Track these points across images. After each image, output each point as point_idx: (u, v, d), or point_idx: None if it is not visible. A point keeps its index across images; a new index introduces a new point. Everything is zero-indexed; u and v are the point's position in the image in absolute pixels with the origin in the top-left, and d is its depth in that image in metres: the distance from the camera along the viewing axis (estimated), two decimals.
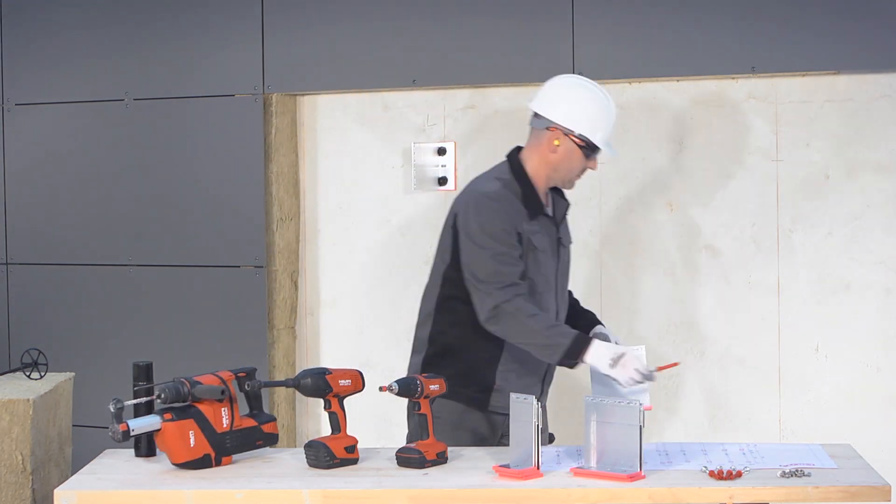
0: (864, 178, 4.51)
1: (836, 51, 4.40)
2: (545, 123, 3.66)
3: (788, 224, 4.59)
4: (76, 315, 5.34)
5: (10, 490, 3.85)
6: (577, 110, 3.67)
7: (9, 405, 3.84)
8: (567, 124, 3.65)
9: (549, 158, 3.69)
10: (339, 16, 4.96)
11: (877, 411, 4.53)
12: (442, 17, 4.83)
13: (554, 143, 3.67)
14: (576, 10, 4.65)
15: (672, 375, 4.71)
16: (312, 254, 5.18)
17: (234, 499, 3.07)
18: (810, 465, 3.18)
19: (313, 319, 5.19)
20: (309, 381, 3.29)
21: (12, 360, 5.09)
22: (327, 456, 3.25)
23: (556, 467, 3.22)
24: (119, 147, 5.26)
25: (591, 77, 4.63)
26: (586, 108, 3.68)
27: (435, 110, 4.94)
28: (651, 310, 4.72)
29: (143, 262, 5.23)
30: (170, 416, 3.22)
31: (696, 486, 3.05)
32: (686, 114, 4.67)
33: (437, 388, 3.34)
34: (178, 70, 5.17)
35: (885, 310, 4.51)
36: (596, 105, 3.70)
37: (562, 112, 3.66)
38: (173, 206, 5.18)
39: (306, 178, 5.17)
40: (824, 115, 4.54)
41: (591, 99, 3.70)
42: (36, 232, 5.40)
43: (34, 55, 5.35)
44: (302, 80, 5.04)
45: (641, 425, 3.10)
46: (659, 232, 4.71)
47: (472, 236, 3.60)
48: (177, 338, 5.16)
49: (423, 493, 3.08)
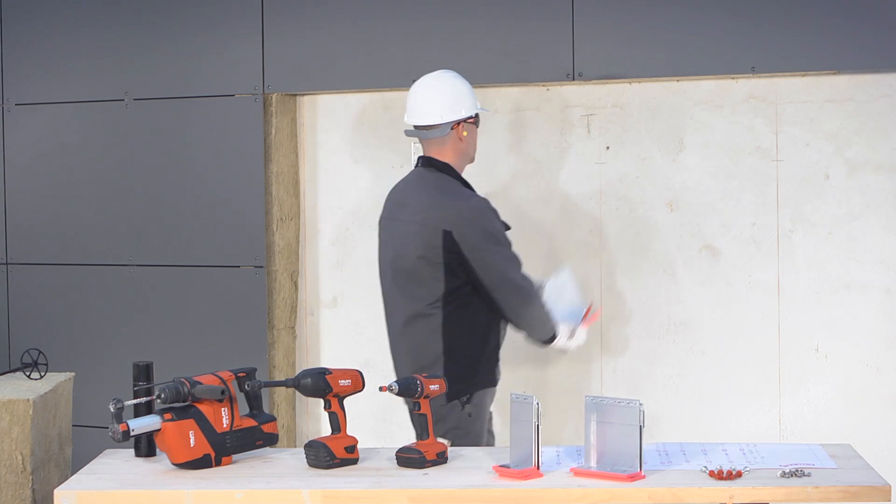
0: (864, 178, 4.51)
1: (836, 51, 4.40)
2: (447, 127, 4.00)
3: (788, 224, 4.59)
4: (76, 315, 5.34)
5: (10, 490, 3.85)
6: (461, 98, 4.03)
7: (9, 405, 3.84)
8: (465, 114, 4.02)
9: (461, 148, 4.04)
10: (339, 16, 4.96)
11: (877, 411, 4.53)
12: (442, 17, 4.83)
13: (463, 135, 4.03)
14: (576, 10, 4.65)
15: (672, 376, 4.71)
16: (312, 254, 5.18)
17: (234, 499, 3.07)
18: (810, 465, 3.18)
19: (313, 319, 5.19)
20: (309, 381, 3.29)
21: (12, 360, 5.09)
22: (327, 456, 3.25)
23: (556, 467, 3.22)
24: (119, 147, 5.26)
25: (590, 77, 4.66)
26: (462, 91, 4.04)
27: None
28: (651, 310, 4.72)
29: (143, 262, 5.23)
30: (170, 416, 3.22)
31: (696, 486, 3.05)
32: (686, 114, 4.67)
33: (437, 388, 3.35)
34: (178, 70, 5.17)
35: (885, 310, 4.51)
36: (461, 83, 4.06)
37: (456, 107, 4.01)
38: (173, 206, 5.19)
39: (306, 178, 5.17)
40: (824, 115, 4.54)
41: (456, 81, 4.06)
42: (36, 232, 5.40)
43: (34, 55, 5.36)
44: (302, 80, 5.04)
45: (641, 425, 3.10)
46: (659, 232, 4.71)
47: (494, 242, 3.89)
48: (177, 338, 5.16)
49: (423, 493, 3.08)
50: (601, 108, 4.74)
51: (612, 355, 4.77)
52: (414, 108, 4.06)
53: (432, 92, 4.04)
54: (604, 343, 4.78)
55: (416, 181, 4.07)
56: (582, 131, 4.75)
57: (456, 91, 4.04)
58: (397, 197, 4.11)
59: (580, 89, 4.76)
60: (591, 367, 4.79)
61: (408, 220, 3.97)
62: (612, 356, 4.77)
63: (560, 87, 4.76)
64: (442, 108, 4.01)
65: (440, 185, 3.97)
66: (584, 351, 4.76)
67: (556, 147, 4.80)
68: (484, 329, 3.97)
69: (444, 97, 4.02)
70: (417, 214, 3.94)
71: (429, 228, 3.89)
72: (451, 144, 4.02)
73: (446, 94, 4.02)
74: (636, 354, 4.74)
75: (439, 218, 3.88)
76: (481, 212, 3.91)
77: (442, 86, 4.05)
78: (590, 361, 4.80)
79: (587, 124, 4.75)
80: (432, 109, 4.01)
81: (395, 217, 4.05)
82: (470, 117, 4.03)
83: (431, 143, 4.04)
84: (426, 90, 4.05)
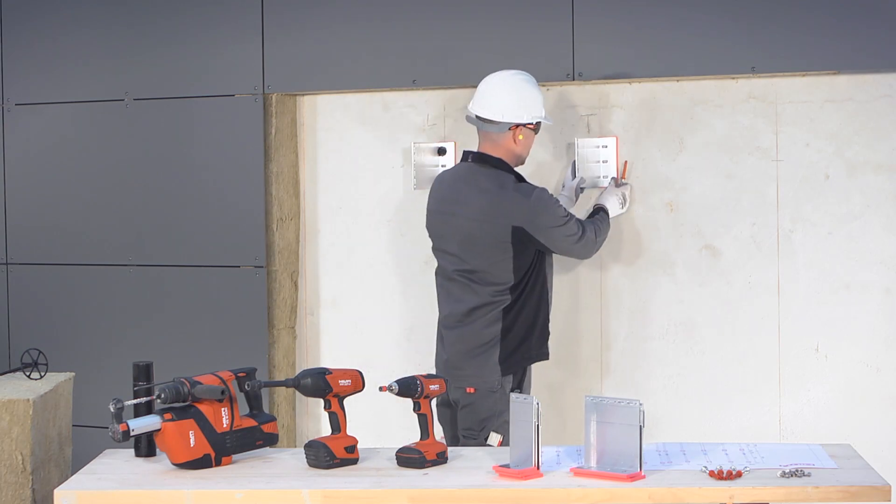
0: (864, 178, 4.51)
1: (836, 51, 4.40)
2: (506, 126, 4.23)
3: (788, 224, 4.59)
4: (76, 315, 5.34)
5: (10, 490, 3.85)
6: (528, 103, 4.25)
7: (9, 405, 3.84)
8: (525, 120, 4.25)
9: (515, 150, 4.28)
10: (339, 16, 4.96)
11: (877, 411, 4.53)
12: (442, 17, 4.83)
13: (519, 138, 4.26)
14: (576, 10, 4.65)
15: (672, 376, 4.71)
16: (312, 254, 5.18)
17: (234, 499, 3.07)
18: (810, 465, 3.18)
19: (313, 319, 5.19)
20: (309, 381, 3.29)
21: (12, 360, 5.09)
22: (327, 456, 3.25)
23: (556, 467, 3.22)
24: (119, 147, 5.26)
25: (590, 77, 4.66)
26: (530, 97, 4.26)
27: (435, 110, 4.94)
28: (651, 310, 4.72)
29: (143, 262, 5.23)
30: (170, 416, 3.22)
31: (696, 486, 3.05)
32: (686, 114, 4.67)
33: (437, 388, 3.35)
34: (178, 70, 5.17)
35: (885, 310, 4.51)
36: (534, 89, 4.29)
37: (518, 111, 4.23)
38: (173, 206, 5.18)
39: (306, 178, 5.17)
40: (824, 115, 4.54)
41: (527, 86, 4.28)
42: (36, 232, 5.40)
43: (34, 55, 5.35)
44: (302, 80, 5.04)
45: (641, 425, 3.10)
46: (659, 232, 4.71)
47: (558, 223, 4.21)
48: (177, 338, 5.16)
49: (423, 493, 3.08)
50: (601, 108, 4.74)
51: (612, 355, 4.77)
52: (481, 98, 4.28)
53: (501, 89, 4.27)
54: (604, 343, 4.78)
55: (469, 177, 4.26)
56: (582, 131, 4.75)
57: (524, 95, 4.27)
58: (450, 193, 4.30)
59: (580, 89, 4.76)
60: (591, 367, 4.79)
61: (470, 216, 4.21)
62: (613, 356, 4.77)
63: (560, 87, 4.76)
64: (506, 107, 4.24)
65: (500, 182, 4.21)
66: (585, 350, 4.77)
67: (556, 147, 4.79)
68: (535, 307, 4.29)
69: (510, 98, 4.25)
70: (481, 212, 4.19)
71: (497, 226, 4.17)
72: (505, 143, 4.26)
73: (514, 96, 4.26)
74: (636, 354, 4.74)
75: (507, 215, 4.16)
76: (545, 203, 4.19)
77: (512, 86, 4.27)
78: (590, 361, 4.79)
79: (587, 124, 4.75)
80: (497, 106, 4.24)
81: (453, 213, 4.27)
82: (529, 123, 4.27)
83: (487, 136, 4.28)
84: (497, 86, 4.28)
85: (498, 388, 4.22)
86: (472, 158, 4.28)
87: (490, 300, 4.24)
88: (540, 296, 4.32)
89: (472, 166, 4.28)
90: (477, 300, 4.25)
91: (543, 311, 4.34)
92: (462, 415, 4.24)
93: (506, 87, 4.27)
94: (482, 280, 4.24)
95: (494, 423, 4.20)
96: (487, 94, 4.27)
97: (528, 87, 4.29)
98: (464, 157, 4.33)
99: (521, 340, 4.27)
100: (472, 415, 4.22)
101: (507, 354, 4.24)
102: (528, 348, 4.30)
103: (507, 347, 4.24)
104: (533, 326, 4.30)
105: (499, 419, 4.19)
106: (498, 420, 4.20)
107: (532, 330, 4.30)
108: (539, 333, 4.33)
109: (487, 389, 4.21)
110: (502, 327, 4.24)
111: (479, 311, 4.25)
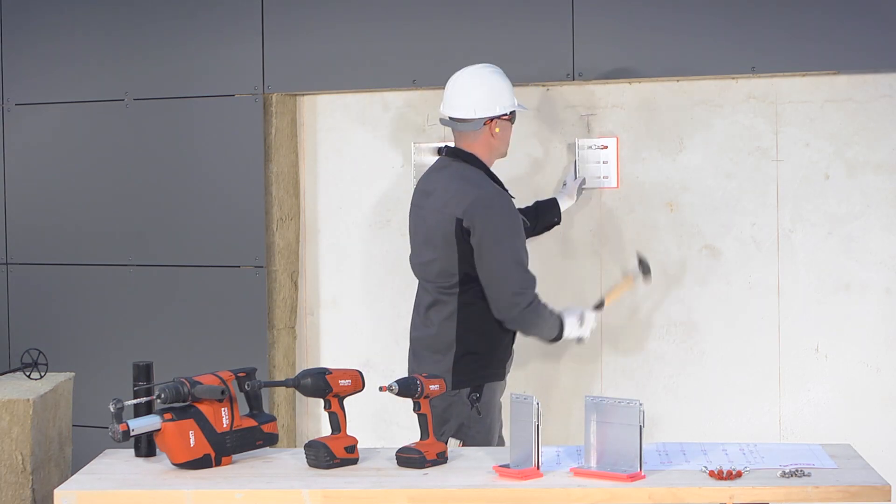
0: (864, 178, 4.51)
1: (836, 51, 4.40)
2: (480, 122, 4.05)
3: (788, 224, 4.59)
4: (76, 315, 5.34)
5: (10, 490, 3.85)
6: (498, 94, 4.09)
7: (9, 405, 3.84)
8: (499, 111, 4.07)
9: (493, 144, 4.10)
10: (338, 16, 4.96)
11: (877, 411, 4.53)
12: (442, 17, 4.83)
13: (496, 132, 4.09)
14: (576, 10, 4.65)
15: (672, 375, 4.71)
16: (312, 254, 5.18)
17: (234, 499, 3.07)
18: (810, 465, 3.18)
19: (313, 319, 5.19)
20: (309, 381, 3.29)
21: (12, 360, 5.09)
22: (327, 456, 3.25)
23: (556, 467, 3.22)
24: (119, 147, 5.26)
25: (590, 77, 4.66)
26: (499, 88, 4.10)
27: (435, 110, 4.94)
28: (651, 310, 4.72)
29: (143, 262, 5.23)
30: (170, 416, 3.22)
31: (696, 486, 3.06)
32: (686, 114, 4.67)
33: (437, 388, 3.35)
34: (178, 70, 5.17)
35: (885, 310, 4.51)
36: (501, 79, 4.12)
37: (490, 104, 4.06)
38: (173, 206, 5.19)
39: (306, 178, 5.17)
40: (824, 115, 4.54)
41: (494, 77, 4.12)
42: (36, 232, 5.40)
43: (34, 55, 5.35)
44: (302, 80, 5.04)
45: (641, 425, 3.10)
46: (659, 232, 4.71)
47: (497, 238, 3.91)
48: (177, 338, 5.16)
49: (423, 493, 3.08)
50: (601, 108, 4.74)
51: (612, 355, 4.77)
52: (450, 99, 4.14)
53: (469, 86, 4.12)
54: (604, 343, 4.78)
55: (440, 170, 4.15)
56: (582, 131, 4.75)
57: (493, 87, 4.11)
58: (423, 186, 4.19)
59: (580, 89, 4.76)
60: (591, 367, 4.79)
61: (431, 208, 4.05)
62: (613, 356, 4.77)
63: (560, 87, 4.76)
64: (476, 103, 4.08)
65: (463, 174, 4.04)
66: (585, 350, 4.77)
67: (556, 147, 4.79)
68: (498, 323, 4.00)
69: (480, 92, 4.09)
70: (439, 202, 4.02)
71: (445, 215, 3.98)
72: (483, 139, 4.10)
73: (483, 90, 4.10)
74: (636, 354, 4.74)
75: (455, 205, 3.96)
76: (491, 202, 3.95)
77: (479, 81, 4.12)
78: (590, 361, 4.79)
79: (587, 124, 4.75)
80: (467, 104, 4.09)
81: (421, 206, 4.14)
82: (504, 114, 4.10)
83: (463, 136, 4.12)
84: (464, 84, 4.13)
85: (455, 395, 3.97)
86: (446, 153, 4.14)
87: (439, 297, 4.03)
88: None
89: (445, 160, 4.13)
90: (429, 298, 4.07)
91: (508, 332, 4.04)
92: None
93: (473, 82, 4.11)
94: (430, 273, 4.05)
95: (453, 429, 3.99)
96: (456, 93, 4.11)
97: (496, 78, 4.12)
98: (439, 152, 4.23)
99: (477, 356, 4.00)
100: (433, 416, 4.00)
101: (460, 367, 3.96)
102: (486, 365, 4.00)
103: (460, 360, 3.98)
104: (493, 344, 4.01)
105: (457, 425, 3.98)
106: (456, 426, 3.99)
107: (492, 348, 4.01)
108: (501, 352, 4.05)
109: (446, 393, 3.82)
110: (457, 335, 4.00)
111: (433, 311, 4.06)
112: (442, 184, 4.07)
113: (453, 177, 4.04)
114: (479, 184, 3.99)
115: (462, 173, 4.04)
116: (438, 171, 4.14)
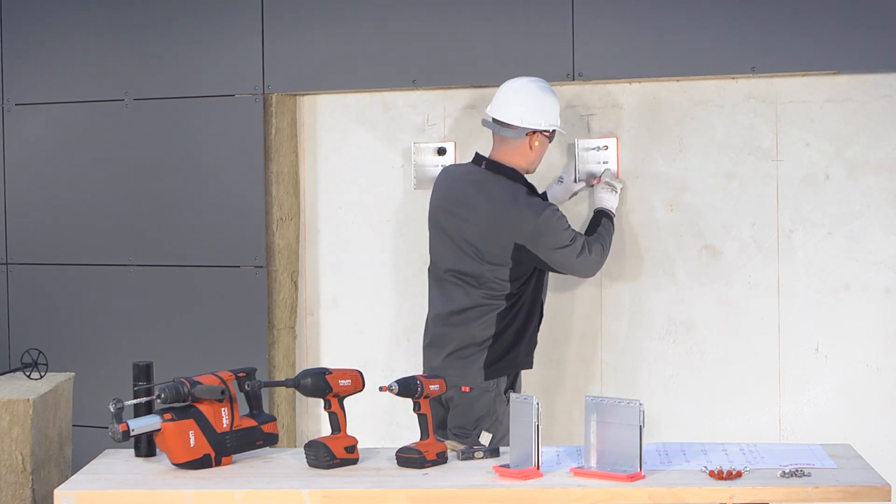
0: (864, 178, 4.51)
1: (836, 51, 4.40)
2: (523, 132, 4.23)
3: (788, 224, 4.59)
4: (76, 315, 5.34)
5: (10, 490, 3.85)
6: (546, 110, 4.27)
7: (9, 405, 3.84)
8: (543, 126, 4.26)
9: (529, 157, 4.29)
10: (339, 16, 4.96)
11: (877, 411, 4.53)
12: (442, 17, 4.83)
13: (535, 145, 4.27)
14: (576, 10, 4.65)
15: (672, 375, 4.71)
16: (312, 254, 5.18)
17: (234, 499, 3.07)
18: (810, 465, 3.19)
19: (313, 319, 5.19)
20: (309, 381, 3.30)
21: (12, 360, 5.09)
22: (327, 456, 3.25)
23: (556, 467, 3.23)
24: (119, 147, 5.26)
25: (590, 77, 4.66)
26: (549, 105, 4.29)
27: (435, 110, 4.94)
28: (651, 310, 4.72)
29: (143, 262, 5.23)
30: (170, 416, 3.22)
31: (696, 486, 3.06)
32: (686, 114, 4.67)
33: (437, 388, 3.35)
34: (178, 70, 5.17)
35: (885, 310, 4.51)
36: (552, 97, 4.31)
37: (537, 117, 4.24)
38: (173, 206, 5.18)
39: (306, 178, 5.17)
40: (824, 115, 4.54)
41: (546, 94, 4.29)
42: (36, 232, 5.40)
43: (34, 55, 5.35)
44: (302, 80, 5.04)
45: (641, 425, 3.11)
46: (659, 232, 4.71)
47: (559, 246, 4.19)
48: (177, 338, 5.16)
49: (423, 493, 3.08)
50: (601, 108, 4.74)
51: (612, 355, 4.77)
52: (499, 102, 4.29)
53: (522, 95, 4.28)
54: (604, 343, 4.78)
55: (482, 183, 4.26)
56: (582, 131, 4.75)
57: (543, 102, 4.28)
58: (458, 194, 4.30)
59: (580, 89, 4.76)
60: (591, 367, 4.79)
61: (477, 223, 4.22)
62: (613, 356, 4.77)
63: (560, 87, 4.76)
64: (524, 112, 4.25)
65: (512, 193, 4.21)
66: (585, 350, 4.77)
67: (556, 147, 4.79)
68: (528, 314, 4.28)
69: (530, 103, 4.26)
70: (487, 221, 4.19)
71: (501, 239, 4.17)
72: (522, 150, 4.27)
73: (533, 102, 4.26)
74: (636, 354, 4.74)
75: (512, 229, 4.16)
76: (552, 225, 4.17)
77: (532, 92, 4.28)
78: (590, 361, 4.79)
79: (587, 124, 4.75)
80: (516, 111, 4.25)
81: (459, 215, 4.26)
82: (546, 131, 4.27)
83: (503, 141, 4.28)
84: (517, 91, 4.29)
85: (493, 388, 4.23)
86: (486, 165, 4.28)
87: (483, 303, 4.24)
88: (533, 304, 4.32)
89: (485, 173, 4.27)
90: (468, 301, 4.26)
91: (535, 320, 4.34)
92: (454, 413, 4.24)
93: (526, 92, 4.28)
94: (476, 283, 4.25)
95: (487, 423, 4.22)
96: (507, 98, 4.28)
97: (547, 95, 4.30)
98: (476, 160, 4.31)
99: (509, 347, 4.27)
100: (465, 414, 4.22)
101: (494, 360, 4.24)
102: (515, 355, 4.29)
103: (495, 353, 4.24)
104: (523, 334, 4.29)
105: (491, 418, 4.22)
106: (490, 419, 4.22)
107: (522, 337, 4.29)
108: (528, 341, 4.33)
109: (482, 389, 4.21)
110: (495, 332, 4.24)
111: (472, 313, 4.25)
112: (487, 201, 4.21)
113: (505, 199, 4.19)
114: (531, 205, 4.18)
115: (513, 194, 4.20)
116: (478, 185, 4.26)
